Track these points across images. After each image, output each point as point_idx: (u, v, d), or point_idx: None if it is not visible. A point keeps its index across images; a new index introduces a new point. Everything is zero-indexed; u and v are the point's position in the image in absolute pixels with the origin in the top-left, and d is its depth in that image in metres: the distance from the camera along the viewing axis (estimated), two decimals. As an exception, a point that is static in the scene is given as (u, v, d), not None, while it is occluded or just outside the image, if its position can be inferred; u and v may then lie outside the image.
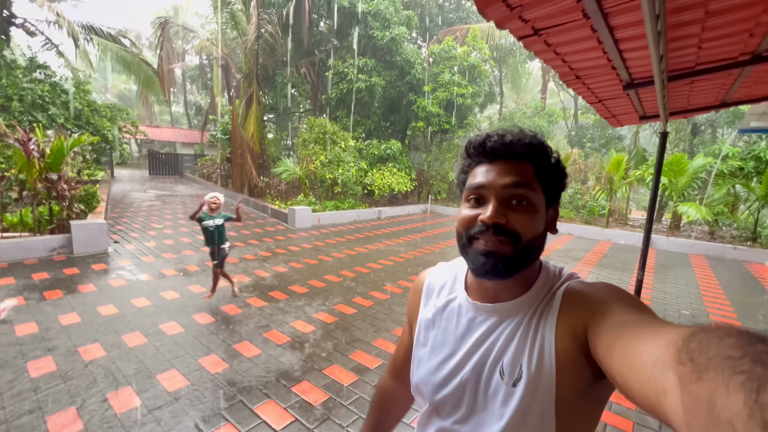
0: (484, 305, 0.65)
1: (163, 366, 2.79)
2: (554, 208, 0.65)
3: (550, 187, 0.63)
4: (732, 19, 1.51)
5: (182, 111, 36.62)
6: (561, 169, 0.64)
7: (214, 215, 4.01)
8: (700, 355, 0.30)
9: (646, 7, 1.19)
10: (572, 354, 0.55)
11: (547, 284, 0.63)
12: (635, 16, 1.39)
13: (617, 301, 0.53)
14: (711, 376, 0.27)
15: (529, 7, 1.31)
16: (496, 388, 0.60)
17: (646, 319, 0.46)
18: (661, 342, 0.37)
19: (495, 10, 1.28)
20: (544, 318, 0.59)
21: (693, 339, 0.32)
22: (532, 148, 0.61)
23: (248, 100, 14.21)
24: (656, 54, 1.59)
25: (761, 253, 7.65)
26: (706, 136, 14.58)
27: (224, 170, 16.66)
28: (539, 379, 0.56)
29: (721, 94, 2.84)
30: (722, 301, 5.05)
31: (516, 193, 0.60)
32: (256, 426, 2.20)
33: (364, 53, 13.29)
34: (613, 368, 0.44)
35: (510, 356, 0.60)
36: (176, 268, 5.23)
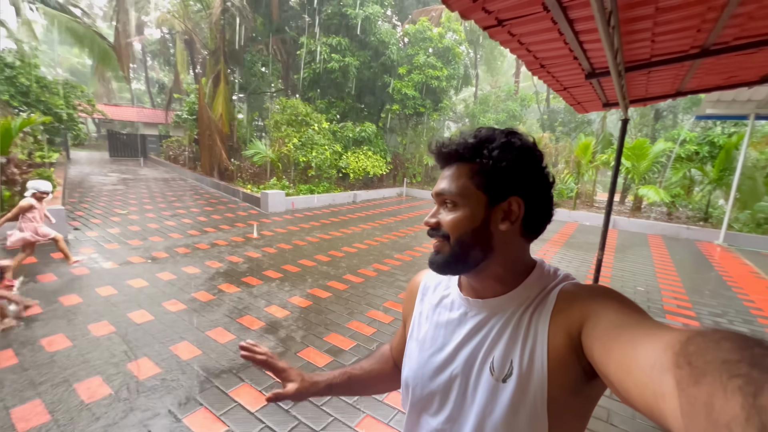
0: (475, 300, 0.66)
1: (134, 354, 2.75)
2: (513, 200, 0.62)
3: (495, 183, 0.62)
4: (680, 15, 1.60)
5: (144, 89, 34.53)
6: (513, 160, 0.61)
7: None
8: (697, 358, 0.30)
9: (595, 5, 1.25)
10: (564, 353, 0.55)
11: (541, 283, 0.64)
12: (591, 11, 1.44)
13: (613, 303, 0.53)
14: (709, 379, 0.28)
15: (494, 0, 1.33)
16: (485, 383, 0.61)
17: (642, 322, 0.46)
18: (659, 345, 0.37)
19: (458, 1, 1.30)
20: (537, 316, 0.60)
21: (691, 342, 0.32)
22: (465, 150, 0.63)
23: (215, 79, 13.58)
24: (610, 47, 1.66)
25: (711, 233, 8.25)
26: (668, 122, 15.32)
27: (192, 152, 16.01)
28: (530, 376, 0.57)
29: (676, 83, 2.99)
30: (674, 278, 5.46)
31: (444, 198, 0.64)
32: (231, 409, 2.24)
33: (338, 32, 12.91)
34: (609, 371, 0.44)
35: (500, 352, 0.60)
36: (144, 255, 5.08)
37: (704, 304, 4.49)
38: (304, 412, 2.26)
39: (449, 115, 17.14)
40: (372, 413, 2.30)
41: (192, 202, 9.40)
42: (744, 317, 4.17)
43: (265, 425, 2.13)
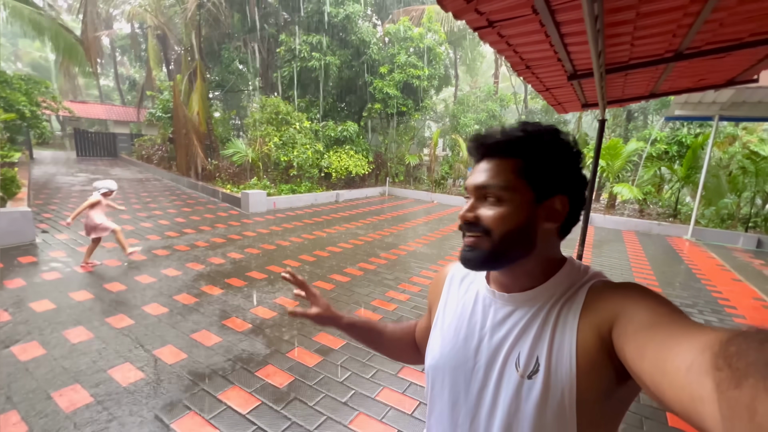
0: (501, 294, 0.65)
1: (115, 360, 2.65)
2: (556, 200, 0.62)
3: (544, 179, 0.62)
4: (658, 20, 1.68)
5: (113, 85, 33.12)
6: (557, 156, 0.62)
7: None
8: (738, 360, 0.29)
9: (586, 9, 1.30)
10: (594, 352, 0.54)
11: (569, 279, 0.63)
12: (578, 14, 1.50)
13: (646, 300, 0.51)
14: (751, 382, 0.27)
15: (484, 1, 1.36)
16: (509, 379, 0.60)
17: (678, 321, 0.44)
18: (697, 345, 0.36)
19: (453, 2, 1.32)
20: (566, 312, 0.59)
21: (731, 343, 0.31)
22: (512, 144, 0.62)
23: (191, 76, 13.20)
24: (595, 49, 1.73)
25: (680, 228, 8.68)
26: (639, 122, 16.00)
27: (166, 151, 15.49)
28: (557, 374, 0.55)
29: (650, 86, 3.14)
30: (647, 271, 5.72)
31: (487, 193, 0.62)
32: (221, 412, 2.19)
33: (317, 30, 12.80)
34: (643, 372, 0.43)
35: (527, 347, 0.59)
36: (119, 258, 4.89)
37: (676, 296, 4.72)
38: (295, 412, 2.24)
39: (430, 115, 17.29)
40: (365, 411, 2.30)
41: (168, 203, 9.12)
42: (713, 307, 4.41)
43: (257, 427, 2.10)
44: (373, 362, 2.83)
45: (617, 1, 1.47)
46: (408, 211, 10.18)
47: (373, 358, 2.88)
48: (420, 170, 14.92)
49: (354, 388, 2.51)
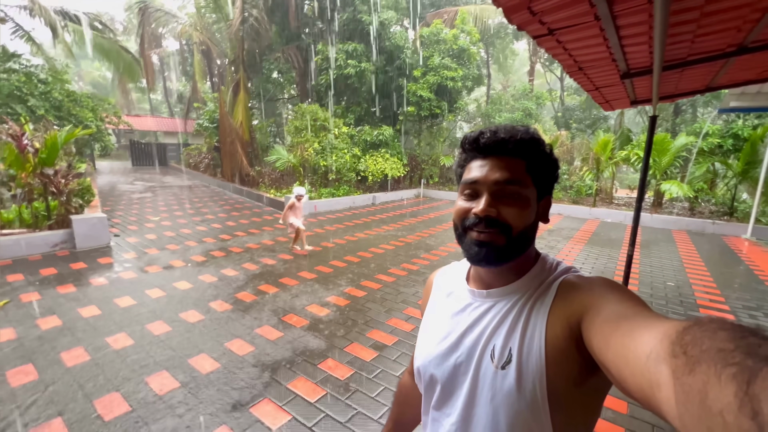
0: (480, 291, 0.69)
1: (191, 351, 2.94)
2: (547, 200, 0.69)
3: (542, 180, 0.66)
4: (723, 18, 1.68)
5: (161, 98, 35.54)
6: (553, 162, 0.68)
7: None
8: (693, 348, 0.30)
9: (659, 9, 1.34)
10: (563, 342, 0.56)
11: (543, 274, 0.66)
12: (640, 18, 1.55)
13: (613, 294, 0.54)
14: (704, 368, 0.28)
15: (547, 12, 1.45)
16: (486, 370, 0.63)
17: (641, 313, 0.46)
18: (656, 335, 0.37)
19: (519, 16, 1.42)
20: (538, 305, 0.61)
21: (687, 332, 0.33)
22: (524, 144, 0.64)
23: (235, 87, 13.97)
24: (660, 48, 1.75)
25: (738, 227, 8.10)
26: (687, 116, 15.04)
27: (212, 160, 16.43)
28: (528, 363, 0.58)
29: (707, 80, 3.04)
30: (703, 272, 5.42)
31: (507, 189, 0.63)
32: (292, 399, 2.39)
33: (352, 38, 13.14)
34: (608, 361, 0.45)
35: (501, 339, 0.62)
36: (182, 259, 5.31)
37: (737, 298, 4.46)
38: (359, 402, 2.39)
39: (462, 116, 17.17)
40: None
41: (218, 207, 9.70)
42: (781, 311, 4.13)
43: (325, 414, 2.27)
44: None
45: (683, 2, 1.50)
46: (444, 212, 10.20)
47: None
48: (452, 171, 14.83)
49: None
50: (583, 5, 1.40)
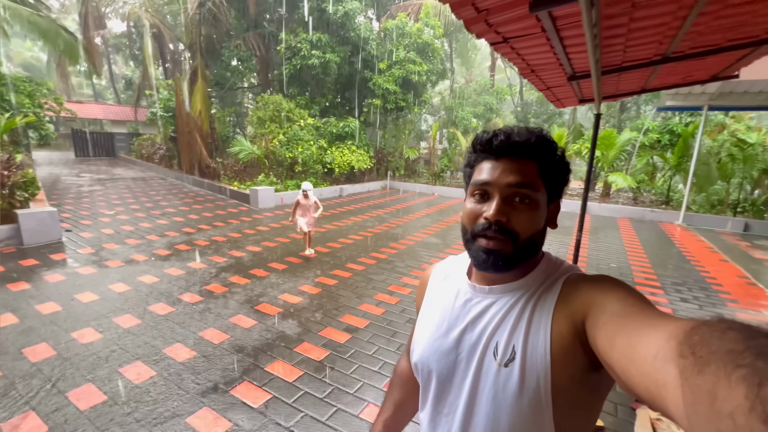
0: (482, 287, 0.68)
1: (166, 342, 2.95)
2: (556, 204, 0.68)
3: (553, 185, 0.66)
4: (647, 33, 1.98)
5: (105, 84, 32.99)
6: (565, 165, 0.67)
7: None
8: (702, 348, 0.30)
9: (587, 24, 1.58)
10: (568, 340, 0.56)
11: (547, 272, 0.65)
12: (578, 31, 1.79)
13: (617, 292, 0.53)
14: (713, 369, 0.27)
15: (502, 24, 1.65)
16: (488, 367, 0.61)
17: (646, 312, 0.46)
18: (662, 334, 0.37)
19: (478, 26, 1.61)
20: (542, 303, 0.61)
21: (695, 332, 0.32)
22: (537, 147, 0.63)
23: (192, 75, 13.37)
24: (593, 56, 2.02)
25: (672, 214, 9.04)
26: (632, 113, 16.32)
27: (167, 151, 15.65)
28: (533, 361, 0.57)
29: (641, 83, 3.44)
30: (641, 255, 6.06)
31: (519, 192, 0.62)
32: (270, 380, 2.51)
33: (317, 28, 12.96)
34: (613, 360, 0.44)
35: (504, 337, 0.61)
36: (145, 253, 5.16)
37: (667, 276, 5.07)
38: (335, 379, 2.55)
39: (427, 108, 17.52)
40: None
41: (178, 201, 9.36)
42: (701, 285, 4.77)
43: (304, 391, 2.42)
44: (397, 338, 3.15)
45: (612, 20, 1.76)
46: (411, 203, 10.48)
47: (396, 334, 3.20)
48: (418, 164, 15.18)
49: (382, 359, 2.83)
50: (531, 20, 1.61)
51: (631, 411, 2.39)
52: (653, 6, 1.66)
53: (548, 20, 1.64)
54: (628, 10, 1.68)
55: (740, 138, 8.62)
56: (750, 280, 5.06)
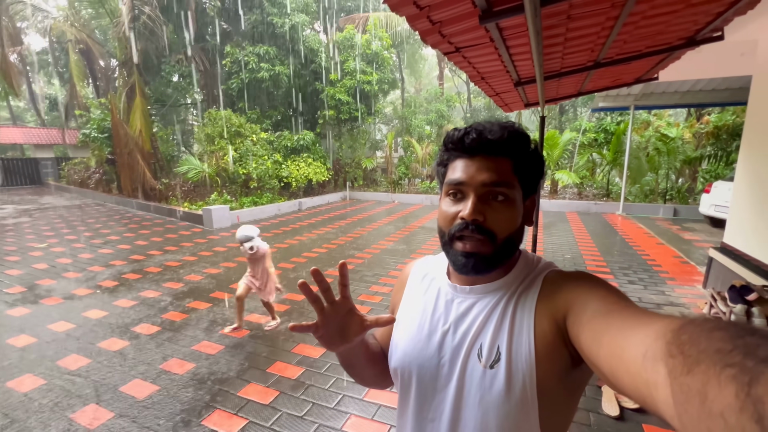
0: (462, 287, 0.66)
1: (121, 379, 2.71)
2: (531, 200, 0.66)
3: (528, 180, 0.64)
4: (580, 42, 2.18)
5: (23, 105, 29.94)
6: (539, 159, 0.65)
7: None
8: (690, 347, 0.30)
9: (532, 32, 1.71)
10: (551, 338, 0.56)
11: (526, 270, 0.65)
12: (523, 41, 1.93)
13: (598, 289, 0.53)
14: (702, 368, 0.27)
15: (454, 35, 1.74)
16: (473, 370, 0.60)
17: (629, 310, 0.46)
18: (650, 333, 0.37)
19: (432, 38, 1.68)
20: (523, 302, 0.60)
21: (683, 332, 0.32)
22: (511, 143, 0.62)
23: (129, 92, 12.56)
24: (538, 63, 2.19)
25: (613, 205, 9.85)
26: (570, 115, 17.68)
27: (104, 174, 14.50)
28: (518, 362, 0.57)
29: (578, 86, 3.76)
30: (590, 245, 6.53)
31: (494, 191, 0.61)
32: (245, 405, 2.38)
33: (263, 41, 12.76)
34: (600, 359, 0.44)
35: (488, 338, 0.60)
36: (88, 286, 4.72)
37: (615, 262, 5.51)
38: (313, 395, 2.48)
39: (380, 118, 17.80)
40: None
41: (122, 227, 8.68)
42: (644, 267, 5.23)
43: (282, 412, 2.32)
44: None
45: (551, 30, 1.92)
46: (372, 212, 10.53)
47: (370, 345, 3.18)
48: (376, 173, 15.32)
49: (360, 371, 2.80)
50: (481, 30, 1.72)
51: (597, 389, 2.55)
52: (585, 17, 1.83)
53: (496, 31, 1.76)
54: (565, 21, 1.84)
55: (663, 133, 9.64)
56: (683, 259, 5.63)
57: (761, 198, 3.52)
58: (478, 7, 1.44)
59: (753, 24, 2.93)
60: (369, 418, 2.31)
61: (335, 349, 0.66)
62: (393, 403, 2.46)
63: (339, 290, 0.64)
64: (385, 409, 2.40)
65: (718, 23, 2.13)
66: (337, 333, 0.64)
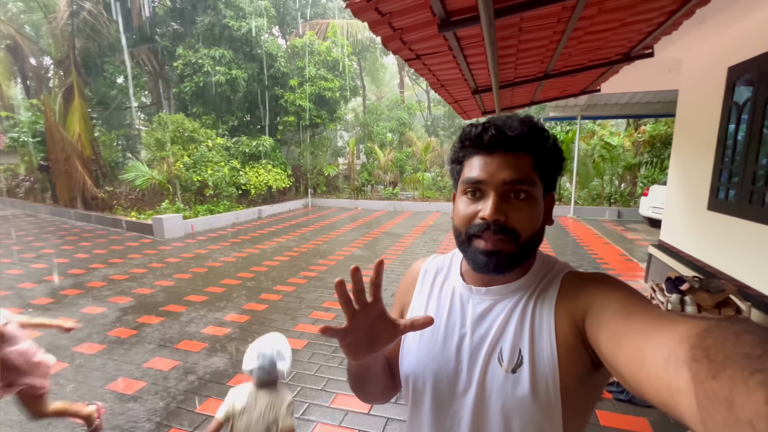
0: (478, 289, 0.63)
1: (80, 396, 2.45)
2: (551, 197, 0.64)
3: (548, 176, 0.62)
4: (531, 54, 2.32)
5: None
6: (558, 153, 0.63)
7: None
8: (716, 352, 0.29)
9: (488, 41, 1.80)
10: (571, 340, 0.54)
11: (543, 271, 0.63)
12: (480, 50, 2.03)
13: (617, 291, 0.52)
14: (729, 374, 0.26)
15: (416, 42, 1.79)
16: (494, 374, 0.58)
17: (650, 312, 0.45)
18: (673, 336, 0.36)
19: (393, 44, 1.72)
20: (541, 303, 0.59)
21: (708, 335, 0.31)
22: (530, 139, 0.59)
23: (66, 93, 11.60)
24: (493, 71, 2.30)
25: (565, 209, 10.48)
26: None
27: (35, 182, 13.23)
28: (541, 365, 0.55)
29: (530, 96, 3.99)
30: (545, 245, 6.82)
31: (515, 188, 0.58)
32: (204, 422, 2.24)
33: (219, 43, 12.33)
34: (619, 362, 0.43)
35: (509, 341, 0.58)
36: (18, 305, 4.25)
37: (567, 260, 5.68)
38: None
39: (342, 125, 17.77)
40: (342, 391, 2.55)
41: (59, 239, 7.94)
42: (593, 265, 5.62)
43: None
44: (339, 353, 3.08)
45: (505, 41, 2.03)
46: (334, 219, 10.43)
47: (337, 350, 3.12)
48: (338, 179, 15.24)
49: (325, 377, 2.75)
50: (440, 39, 1.78)
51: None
52: (535, 30, 1.96)
53: (454, 40, 1.83)
54: (517, 33, 1.95)
55: (606, 141, 10.44)
56: (627, 257, 6.11)
57: (689, 200, 3.91)
58: (437, 16, 1.49)
59: (678, 43, 3.28)
60: (336, 425, 2.28)
61: (361, 359, 0.58)
62: (362, 408, 2.42)
63: (371, 291, 0.58)
64: (353, 415, 2.36)
65: (649, 41, 2.37)
66: (365, 340, 0.57)
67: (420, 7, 1.41)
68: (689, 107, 4.08)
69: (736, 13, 2.72)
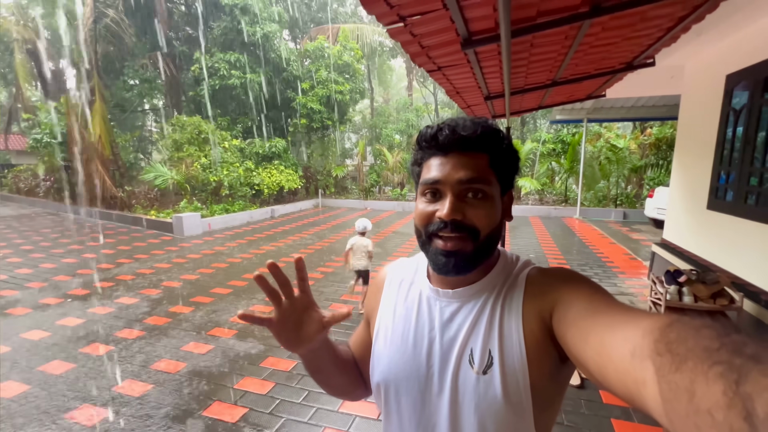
0: (445, 291, 0.63)
1: (110, 381, 2.72)
2: (509, 195, 0.65)
3: (505, 175, 0.62)
4: (541, 65, 2.55)
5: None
6: (514, 153, 0.64)
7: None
8: (678, 345, 0.30)
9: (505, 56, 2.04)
10: (540, 337, 0.55)
11: (506, 270, 0.63)
12: (495, 62, 2.26)
13: (583, 287, 0.53)
14: (690, 366, 0.28)
15: (439, 57, 2.03)
16: (465, 376, 0.58)
17: (615, 307, 0.46)
18: (637, 331, 0.37)
19: (421, 59, 1.96)
20: (509, 302, 0.59)
21: (670, 330, 0.32)
22: (485, 138, 0.60)
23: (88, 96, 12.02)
24: (507, 80, 2.53)
25: (571, 210, 10.64)
26: (530, 126, 18.82)
27: (54, 182, 13.65)
28: (511, 364, 0.55)
29: (539, 101, 4.21)
30: (552, 246, 7.08)
31: (472, 188, 0.59)
32: (243, 396, 2.49)
33: (233, 48, 12.71)
34: (586, 357, 0.44)
35: (479, 343, 0.58)
36: (58, 295, 4.56)
37: (574, 259, 6.04)
38: (309, 383, 2.63)
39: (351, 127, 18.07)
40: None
41: (83, 236, 8.30)
42: (599, 264, 5.79)
43: (280, 400, 2.46)
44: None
45: (518, 55, 2.26)
46: (345, 219, 10.70)
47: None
48: (347, 180, 15.50)
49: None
50: (460, 54, 2.02)
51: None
52: (545, 45, 2.19)
53: (473, 54, 2.07)
54: (528, 47, 2.19)
55: (612, 144, 10.58)
56: (632, 256, 6.27)
57: (690, 199, 4.09)
58: (460, 36, 1.73)
59: (679, 53, 3.48)
60: (344, 430, 2.26)
61: (296, 350, 0.63)
62: (370, 414, 2.38)
63: (297, 285, 0.63)
64: (360, 420, 2.34)
65: (650, 52, 2.58)
66: (295, 330, 0.61)
67: (446, 30, 1.65)
68: (691, 112, 4.27)
69: (733, 24, 2.92)
